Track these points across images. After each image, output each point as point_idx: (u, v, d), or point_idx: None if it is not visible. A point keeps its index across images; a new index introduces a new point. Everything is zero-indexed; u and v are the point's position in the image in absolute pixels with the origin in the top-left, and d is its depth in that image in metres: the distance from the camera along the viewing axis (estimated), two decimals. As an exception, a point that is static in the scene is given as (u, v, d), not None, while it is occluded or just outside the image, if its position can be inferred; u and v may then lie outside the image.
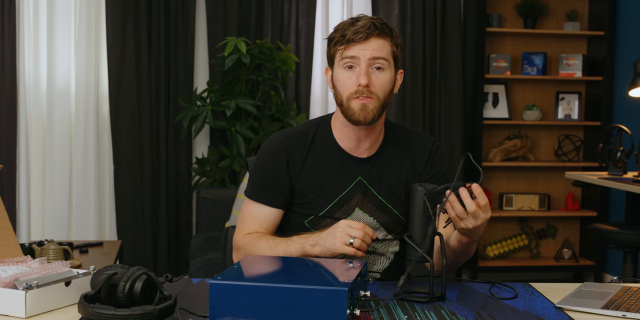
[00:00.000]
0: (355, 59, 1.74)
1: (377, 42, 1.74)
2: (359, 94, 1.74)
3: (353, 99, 1.75)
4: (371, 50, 1.73)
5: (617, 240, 3.63)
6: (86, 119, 4.32)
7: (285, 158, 1.84)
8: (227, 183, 4.30)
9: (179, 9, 4.36)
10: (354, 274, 1.44)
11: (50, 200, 4.33)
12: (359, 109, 1.75)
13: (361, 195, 1.84)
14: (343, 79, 1.76)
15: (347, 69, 1.75)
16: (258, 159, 1.90)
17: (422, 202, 1.59)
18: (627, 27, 4.66)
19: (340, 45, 1.75)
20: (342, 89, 1.77)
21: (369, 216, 1.85)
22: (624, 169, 3.97)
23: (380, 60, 1.74)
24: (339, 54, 1.76)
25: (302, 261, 1.60)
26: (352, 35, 1.72)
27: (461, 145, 4.73)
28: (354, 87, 1.74)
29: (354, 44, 1.73)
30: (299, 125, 1.94)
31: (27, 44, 4.27)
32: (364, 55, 1.73)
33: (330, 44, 1.79)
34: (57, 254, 2.94)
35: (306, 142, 1.86)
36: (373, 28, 1.73)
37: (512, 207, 4.85)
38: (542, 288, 1.74)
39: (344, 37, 1.74)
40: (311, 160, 1.85)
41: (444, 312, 1.52)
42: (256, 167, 1.90)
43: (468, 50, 4.75)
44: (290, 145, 1.85)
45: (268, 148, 1.89)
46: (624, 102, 4.65)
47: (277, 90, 4.39)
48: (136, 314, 1.35)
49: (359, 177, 1.85)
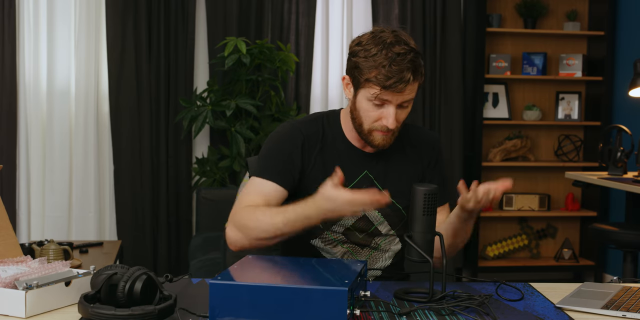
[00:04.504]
0: (387, 101, 1.73)
1: (410, 87, 1.73)
2: (382, 130, 1.76)
3: (375, 131, 1.78)
4: (404, 96, 1.73)
5: (617, 240, 3.63)
6: (86, 119, 4.32)
7: (301, 142, 1.84)
8: (227, 183, 4.30)
9: (179, 9, 4.36)
10: (354, 274, 1.44)
11: (50, 200, 4.33)
12: (380, 140, 1.79)
13: (367, 189, 1.85)
14: (369, 110, 1.76)
15: (375, 105, 1.75)
16: (271, 141, 1.87)
17: (422, 202, 1.59)
18: (627, 27, 4.66)
19: (375, 85, 1.71)
20: (365, 117, 1.78)
21: (373, 210, 1.86)
22: (624, 169, 3.97)
23: (409, 101, 1.76)
24: (371, 92, 1.72)
25: (302, 261, 1.60)
26: (392, 84, 1.69)
27: (461, 145, 4.73)
28: (380, 123, 1.76)
29: (389, 90, 1.71)
30: (307, 115, 1.93)
31: (27, 44, 4.27)
32: (397, 100, 1.73)
33: (358, 69, 1.73)
34: (57, 254, 2.94)
35: (319, 132, 1.86)
36: (411, 76, 1.70)
37: (512, 207, 4.85)
38: (542, 288, 1.74)
39: (378, 79, 1.69)
40: (324, 149, 1.85)
41: (444, 311, 1.52)
42: (270, 148, 1.85)
43: (468, 50, 4.75)
44: (306, 131, 1.85)
45: (283, 131, 1.86)
46: (624, 102, 4.65)
47: (277, 90, 4.39)
48: (136, 314, 1.35)
49: (365, 171, 1.86)
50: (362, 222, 1.86)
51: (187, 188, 4.44)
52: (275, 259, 1.62)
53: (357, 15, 4.64)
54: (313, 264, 1.56)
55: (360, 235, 1.87)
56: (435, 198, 1.61)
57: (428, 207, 1.60)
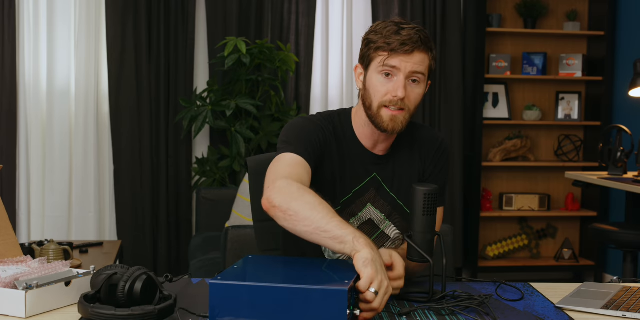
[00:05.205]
0: (395, 69, 1.72)
1: (420, 56, 1.73)
2: (392, 104, 1.74)
3: (384, 107, 1.75)
4: (413, 63, 1.72)
5: (617, 240, 3.63)
6: (86, 119, 4.32)
7: (323, 134, 1.80)
8: (227, 183, 4.30)
9: (179, 9, 4.37)
10: (354, 274, 1.44)
11: (50, 200, 4.34)
12: (388, 119, 1.75)
13: (374, 191, 1.85)
14: (378, 85, 1.75)
15: (385, 77, 1.74)
16: (297, 127, 1.78)
17: (422, 202, 1.60)
18: (627, 27, 4.66)
19: (383, 52, 1.72)
20: (374, 94, 1.76)
21: (379, 213, 1.85)
22: (624, 169, 3.97)
23: (419, 74, 1.74)
24: (380, 60, 1.73)
25: (302, 261, 1.60)
26: (398, 46, 1.70)
27: (461, 145, 4.73)
28: (389, 97, 1.74)
29: (397, 54, 1.71)
30: (319, 113, 1.90)
31: (27, 44, 4.27)
32: (405, 68, 1.72)
33: (369, 45, 1.76)
34: (57, 254, 2.94)
35: (333, 129, 1.84)
36: (419, 42, 1.71)
37: (512, 207, 4.85)
38: (542, 288, 1.74)
39: (389, 45, 1.71)
40: (337, 146, 1.83)
41: (444, 311, 1.52)
42: (298, 131, 1.77)
43: (468, 50, 4.75)
44: (325, 125, 1.83)
45: (305, 122, 1.81)
46: (624, 102, 4.65)
47: (277, 90, 4.39)
48: (136, 314, 1.35)
49: (374, 173, 1.85)
50: (367, 226, 1.85)
51: (187, 188, 4.44)
52: (275, 259, 1.62)
53: (357, 15, 4.65)
54: (313, 264, 1.56)
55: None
56: (436, 198, 1.61)
57: (428, 207, 1.60)
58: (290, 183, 1.60)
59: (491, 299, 1.62)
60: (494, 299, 1.63)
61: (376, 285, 1.41)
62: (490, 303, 1.58)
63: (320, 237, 1.52)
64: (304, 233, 1.54)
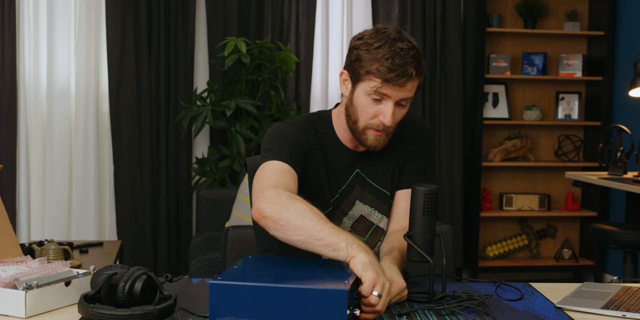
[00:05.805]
0: (386, 96, 1.70)
1: (411, 84, 1.70)
2: (378, 128, 1.73)
3: (370, 129, 1.74)
4: (404, 92, 1.70)
5: (617, 240, 3.63)
6: (86, 119, 4.32)
7: (306, 138, 1.79)
8: (227, 183, 4.30)
9: (179, 9, 4.37)
10: (354, 274, 1.44)
11: (50, 200, 4.34)
12: (373, 139, 1.75)
13: (360, 187, 1.85)
14: (367, 106, 1.72)
15: (373, 100, 1.72)
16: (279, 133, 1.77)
17: (422, 202, 1.60)
18: (627, 27, 4.66)
19: (376, 78, 1.68)
20: (362, 113, 1.73)
21: (370, 208, 1.85)
22: (624, 169, 3.97)
23: (407, 99, 1.73)
24: (372, 85, 1.69)
25: (302, 261, 1.60)
26: (393, 78, 1.66)
27: (461, 145, 4.73)
28: (376, 120, 1.72)
29: (390, 84, 1.68)
30: (298, 117, 1.89)
31: (27, 44, 4.27)
32: (396, 96, 1.70)
33: (360, 62, 1.70)
34: (57, 254, 2.94)
35: (315, 132, 1.83)
36: (413, 72, 1.68)
37: (512, 207, 4.85)
38: (542, 288, 1.74)
39: (382, 73, 1.67)
40: (320, 148, 1.83)
41: (444, 312, 1.52)
42: (280, 137, 1.76)
43: (468, 50, 4.75)
44: (306, 130, 1.81)
45: (287, 127, 1.80)
46: (624, 102, 4.65)
47: (277, 90, 4.39)
48: (136, 314, 1.35)
49: (356, 170, 1.85)
50: (361, 223, 1.85)
51: (187, 188, 4.44)
52: (275, 259, 1.62)
53: (357, 15, 4.64)
54: (313, 264, 1.56)
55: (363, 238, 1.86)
56: (436, 198, 1.61)
57: (428, 207, 1.60)
58: (279, 192, 1.59)
59: (491, 299, 1.62)
60: (493, 299, 1.63)
61: (379, 288, 1.41)
62: (490, 303, 1.58)
63: (313, 246, 1.51)
64: (297, 242, 1.54)
